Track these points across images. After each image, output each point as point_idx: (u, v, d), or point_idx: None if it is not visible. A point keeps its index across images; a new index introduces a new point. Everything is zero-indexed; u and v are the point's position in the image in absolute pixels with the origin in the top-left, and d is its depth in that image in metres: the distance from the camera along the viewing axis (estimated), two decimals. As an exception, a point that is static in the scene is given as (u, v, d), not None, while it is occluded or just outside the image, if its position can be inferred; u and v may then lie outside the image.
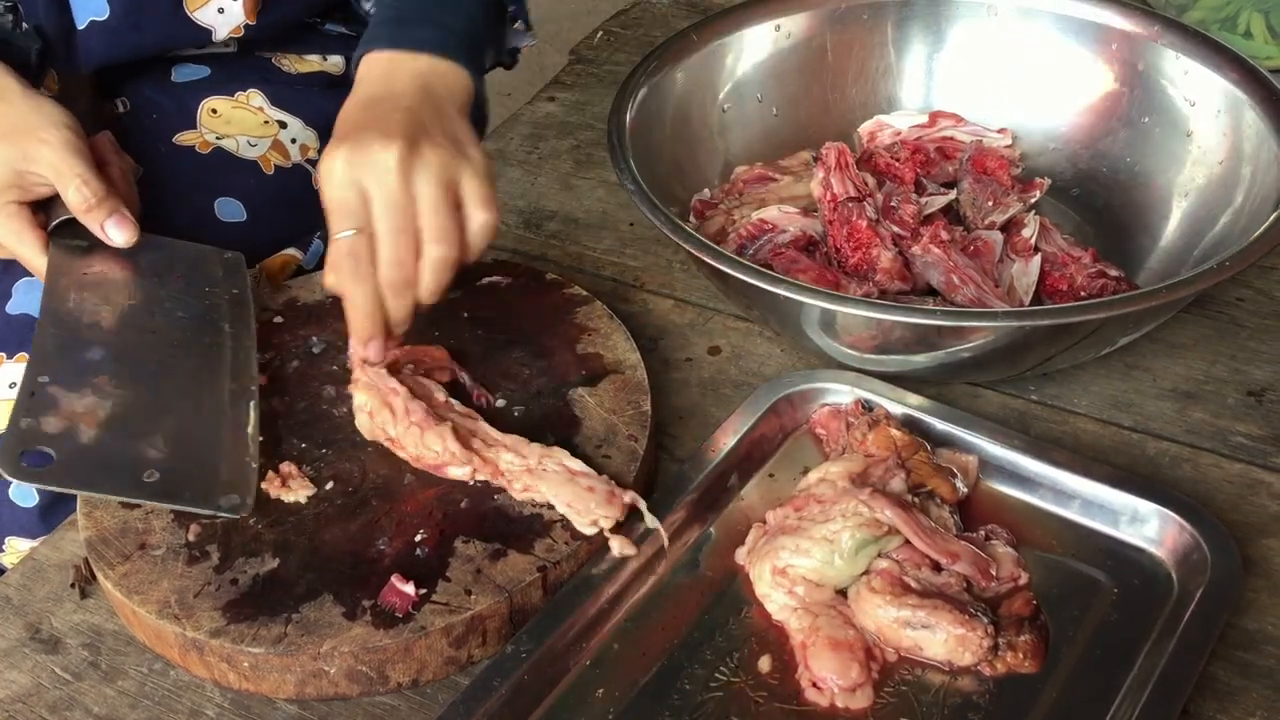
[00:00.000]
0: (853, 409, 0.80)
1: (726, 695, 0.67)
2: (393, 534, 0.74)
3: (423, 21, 0.87)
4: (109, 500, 0.76)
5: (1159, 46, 0.99)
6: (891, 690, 0.67)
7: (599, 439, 0.80)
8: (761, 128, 1.06)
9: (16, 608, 0.75)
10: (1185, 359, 0.90)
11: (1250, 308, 0.94)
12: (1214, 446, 0.83)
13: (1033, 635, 0.68)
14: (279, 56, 1.08)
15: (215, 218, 0.98)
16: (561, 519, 0.74)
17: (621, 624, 0.71)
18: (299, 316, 0.91)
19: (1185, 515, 0.72)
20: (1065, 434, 0.84)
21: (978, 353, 0.80)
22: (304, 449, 0.80)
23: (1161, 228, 0.95)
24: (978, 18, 1.06)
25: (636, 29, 1.35)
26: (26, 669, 0.72)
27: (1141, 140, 1.00)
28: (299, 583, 0.71)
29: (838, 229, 0.91)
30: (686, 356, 0.92)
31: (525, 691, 0.66)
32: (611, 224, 1.06)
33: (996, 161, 1.00)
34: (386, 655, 0.68)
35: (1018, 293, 0.89)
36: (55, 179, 0.82)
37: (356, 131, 0.78)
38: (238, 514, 0.73)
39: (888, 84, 1.09)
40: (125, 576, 0.72)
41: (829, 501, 0.72)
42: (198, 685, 0.71)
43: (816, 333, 0.83)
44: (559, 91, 1.26)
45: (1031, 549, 0.74)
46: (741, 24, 1.04)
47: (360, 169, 0.76)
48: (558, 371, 0.85)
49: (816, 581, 0.70)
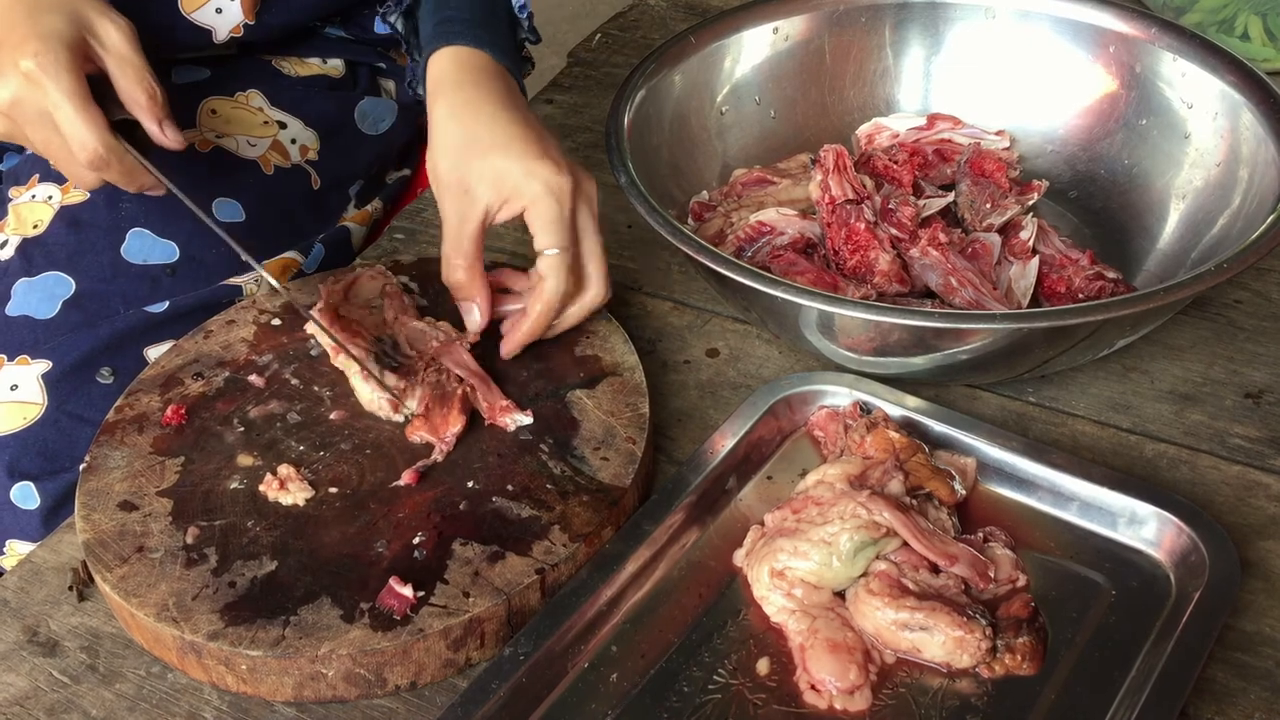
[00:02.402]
0: (851, 411, 0.80)
1: (725, 697, 0.67)
2: (391, 536, 0.74)
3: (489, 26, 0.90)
4: (107, 504, 0.76)
5: (1156, 49, 0.99)
6: (890, 692, 0.67)
7: (597, 441, 0.80)
8: (759, 130, 1.06)
9: (14, 610, 0.75)
10: (1183, 361, 0.90)
11: (1248, 310, 0.94)
12: (1212, 448, 0.83)
13: (1031, 637, 0.68)
14: (279, 59, 1.08)
15: (214, 218, 0.98)
16: (560, 521, 0.74)
17: (619, 626, 0.71)
18: (298, 319, 0.90)
19: (1183, 517, 0.72)
20: (1063, 436, 0.84)
21: (976, 355, 0.80)
22: (302, 452, 0.80)
23: (1159, 230, 0.96)
24: (975, 20, 1.06)
25: (634, 31, 1.35)
26: (24, 672, 0.72)
27: (1139, 142, 1.00)
28: (297, 585, 0.71)
29: (836, 231, 0.91)
30: (685, 359, 0.92)
31: (523, 694, 0.66)
32: (609, 226, 1.06)
33: (994, 164, 1.00)
34: (384, 658, 0.68)
35: (1016, 295, 0.90)
36: (117, 64, 0.79)
37: (538, 148, 0.82)
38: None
39: (886, 86, 1.09)
40: (123, 579, 0.72)
41: (827, 504, 0.72)
42: (196, 688, 0.71)
43: (815, 335, 0.83)
44: (557, 94, 1.26)
45: (1030, 551, 0.74)
46: (739, 26, 1.04)
47: (573, 194, 0.82)
48: (556, 373, 0.85)
49: (815, 583, 0.70)
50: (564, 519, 0.75)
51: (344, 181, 1.10)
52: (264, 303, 0.92)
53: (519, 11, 0.95)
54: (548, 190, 0.81)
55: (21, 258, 0.94)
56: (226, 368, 0.86)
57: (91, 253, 0.95)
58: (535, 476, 0.77)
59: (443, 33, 0.89)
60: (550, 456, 0.79)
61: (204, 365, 0.86)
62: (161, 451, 0.80)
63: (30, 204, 0.98)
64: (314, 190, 1.06)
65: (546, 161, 0.81)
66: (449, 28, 0.89)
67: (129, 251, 0.95)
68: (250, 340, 0.89)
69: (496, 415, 0.81)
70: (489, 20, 0.91)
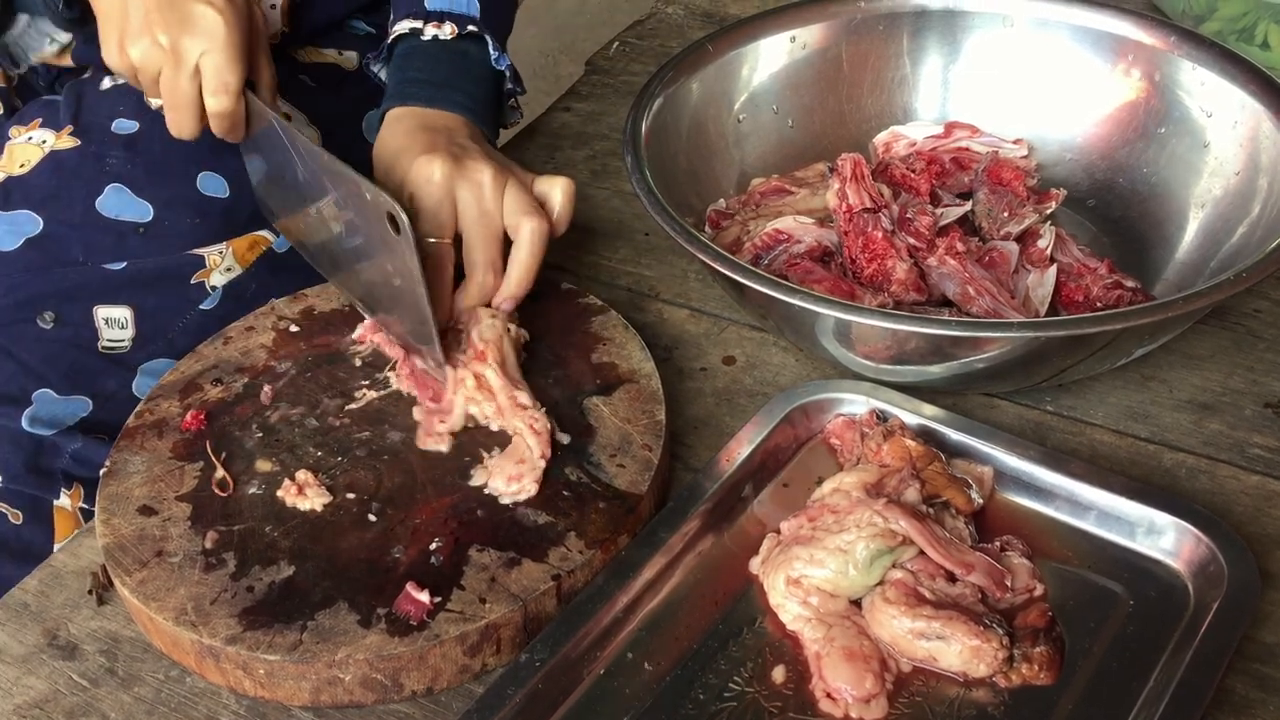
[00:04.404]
0: (867, 419, 0.80)
1: (740, 705, 0.67)
2: (408, 542, 0.74)
3: (454, 87, 0.94)
4: (127, 509, 0.76)
5: (1175, 57, 0.99)
6: (906, 701, 0.67)
7: (613, 448, 0.80)
8: (777, 138, 1.06)
9: (34, 614, 0.76)
10: (1202, 370, 0.90)
11: (1268, 319, 0.94)
12: (1231, 458, 0.83)
13: (1048, 647, 0.68)
14: (295, 48, 1.08)
15: (196, 189, 0.98)
16: (576, 528, 0.74)
17: (635, 633, 0.71)
18: (315, 325, 0.91)
19: (1202, 527, 0.72)
20: (1081, 445, 0.84)
21: (993, 363, 0.80)
22: (320, 457, 0.80)
23: (1178, 239, 0.95)
24: (993, 28, 1.06)
25: (652, 40, 1.35)
26: (44, 675, 0.72)
27: (1158, 151, 1.00)
28: (314, 590, 0.71)
29: (853, 240, 0.91)
30: (701, 366, 0.92)
31: (539, 700, 0.66)
32: (627, 234, 1.07)
33: (1012, 172, 1.00)
34: (401, 663, 0.69)
35: (1033, 303, 0.89)
36: (256, 36, 0.88)
37: (444, 148, 0.87)
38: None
39: (903, 95, 1.09)
40: (142, 583, 0.72)
41: (843, 512, 0.72)
42: (214, 692, 0.71)
43: (831, 343, 0.83)
44: (575, 102, 1.26)
45: (1047, 560, 0.74)
46: (757, 35, 1.05)
47: (456, 181, 0.85)
48: (573, 380, 0.86)
49: (831, 592, 0.70)
50: (580, 526, 0.75)
51: None
52: (283, 309, 0.93)
53: (497, 63, 0.97)
54: (423, 179, 0.85)
55: (1, 193, 0.96)
56: (245, 373, 0.87)
57: (66, 198, 0.96)
58: (551, 483, 0.78)
59: (399, 93, 0.94)
60: (567, 463, 0.79)
61: (223, 371, 0.87)
62: (181, 456, 0.80)
63: (25, 145, 1.00)
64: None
65: (433, 154, 0.85)
66: (407, 89, 0.93)
67: (104, 205, 0.96)
68: (269, 346, 0.89)
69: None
70: (454, 80, 0.94)
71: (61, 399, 0.93)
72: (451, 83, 0.94)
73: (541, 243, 0.87)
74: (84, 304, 0.94)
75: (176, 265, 0.97)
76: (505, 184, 0.86)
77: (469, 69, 0.95)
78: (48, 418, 0.92)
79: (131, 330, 0.96)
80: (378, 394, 0.85)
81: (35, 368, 0.93)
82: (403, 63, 0.96)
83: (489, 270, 0.86)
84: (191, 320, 0.98)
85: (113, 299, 0.95)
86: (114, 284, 0.95)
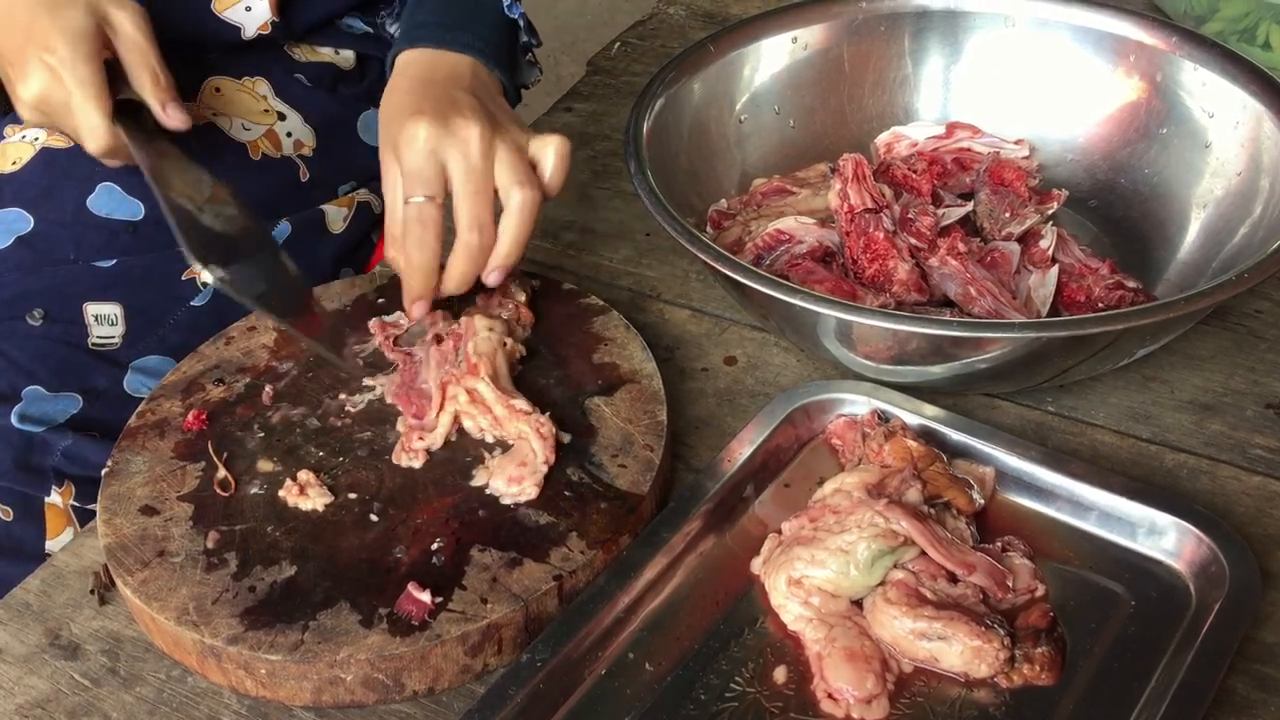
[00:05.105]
0: (869, 420, 0.80)
1: (741, 706, 0.67)
2: (409, 542, 0.74)
3: (465, 29, 0.91)
4: (129, 509, 0.76)
5: (1177, 58, 0.99)
6: (907, 702, 0.67)
7: (615, 448, 0.80)
8: (778, 139, 1.06)
9: (36, 614, 0.76)
10: (1203, 371, 0.90)
11: (1269, 320, 0.94)
12: (1232, 459, 0.83)
13: (1049, 647, 0.68)
14: (291, 45, 1.08)
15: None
16: (578, 528, 0.74)
17: (637, 633, 0.71)
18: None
19: (1203, 528, 0.72)
20: (1083, 445, 0.84)
21: (994, 364, 0.80)
22: (321, 458, 0.80)
23: (1180, 239, 0.95)
24: (995, 29, 1.06)
25: (653, 40, 1.35)
26: (46, 675, 0.72)
27: (1160, 152, 1.00)
28: (316, 590, 0.71)
29: (854, 240, 0.91)
30: (702, 366, 0.92)
31: (540, 700, 0.66)
32: (628, 234, 1.07)
33: (1014, 173, 1.00)
34: (403, 663, 0.69)
35: (1035, 304, 0.89)
36: (125, 48, 0.85)
37: (432, 107, 0.82)
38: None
39: (904, 95, 1.09)
40: (144, 583, 0.72)
41: (845, 512, 0.72)
42: (215, 692, 0.71)
43: (833, 343, 0.83)
44: (576, 102, 1.26)
45: (1048, 561, 0.74)
46: (758, 35, 1.05)
47: (442, 140, 0.80)
48: (574, 381, 0.86)
49: (832, 592, 0.70)
50: (582, 526, 0.75)
51: (333, 180, 1.10)
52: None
53: (509, 10, 0.95)
54: (407, 141, 0.81)
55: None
56: (247, 373, 0.87)
57: (58, 196, 0.96)
58: (553, 483, 0.78)
59: (409, 36, 0.91)
60: (568, 464, 0.79)
61: (225, 371, 0.87)
62: (182, 456, 0.80)
63: (18, 143, 1.00)
64: (300, 182, 1.07)
65: (419, 115, 0.81)
66: (416, 32, 0.91)
67: (95, 203, 0.97)
68: (271, 346, 0.89)
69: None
70: (465, 23, 0.91)
71: (51, 396, 0.93)
72: (462, 24, 0.91)
73: (531, 212, 0.82)
74: (74, 301, 0.94)
75: (166, 262, 0.97)
76: (494, 141, 0.82)
77: (481, 14, 0.94)
78: (37, 415, 0.92)
79: (122, 326, 0.96)
80: (378, 395, 0.85)
81: (24, 364, 0.93)
82: (415, 8, 0.94)
83: (473, 228, 0.82)
84: (182, 317, 0.98)
85: (102, 295, 0.95)
86: (103, 280, 0.95)
